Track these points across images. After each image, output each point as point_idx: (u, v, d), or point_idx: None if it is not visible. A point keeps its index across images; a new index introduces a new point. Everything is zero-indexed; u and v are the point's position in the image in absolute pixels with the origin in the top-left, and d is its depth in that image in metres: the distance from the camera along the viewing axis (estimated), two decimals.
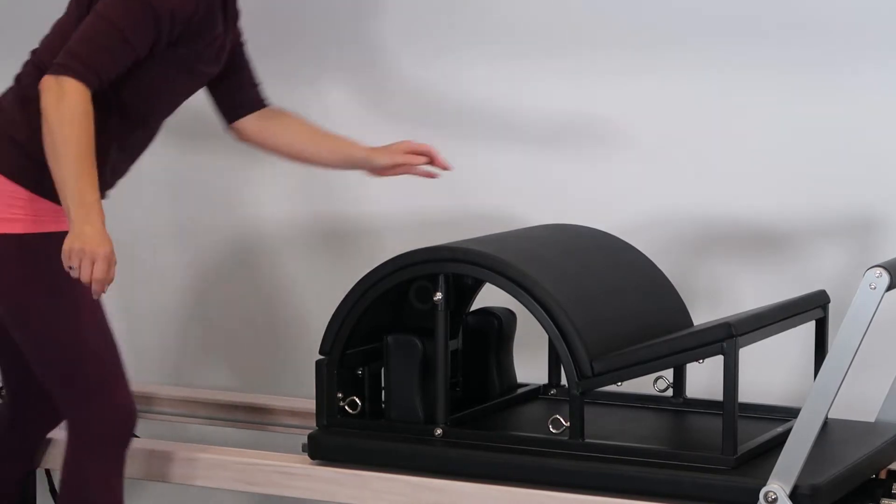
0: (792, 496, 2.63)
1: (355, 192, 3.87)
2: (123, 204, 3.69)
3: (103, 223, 2.82)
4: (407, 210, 3.86)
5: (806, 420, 2.61)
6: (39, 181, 2.89)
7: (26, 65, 3.02)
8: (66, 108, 2.78)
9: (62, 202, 2.81)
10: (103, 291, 2.84)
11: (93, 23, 2.86)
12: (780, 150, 3.66)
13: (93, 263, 2.77)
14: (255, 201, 3.95)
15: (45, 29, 3.17)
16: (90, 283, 2.79)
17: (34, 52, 3.03)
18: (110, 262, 2.80)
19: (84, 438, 2.97)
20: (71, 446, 3.00)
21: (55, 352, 2.93)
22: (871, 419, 3.11)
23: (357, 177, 3.74)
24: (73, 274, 2.79)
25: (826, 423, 2.76)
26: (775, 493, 2.62)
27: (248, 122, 3.24)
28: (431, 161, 3.29)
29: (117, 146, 2.99)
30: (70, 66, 2.80)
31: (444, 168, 3.29)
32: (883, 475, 2.98)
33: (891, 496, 2.89)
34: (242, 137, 3.27)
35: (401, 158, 3.28)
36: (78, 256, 2.77)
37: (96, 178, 2.83)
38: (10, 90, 3.03)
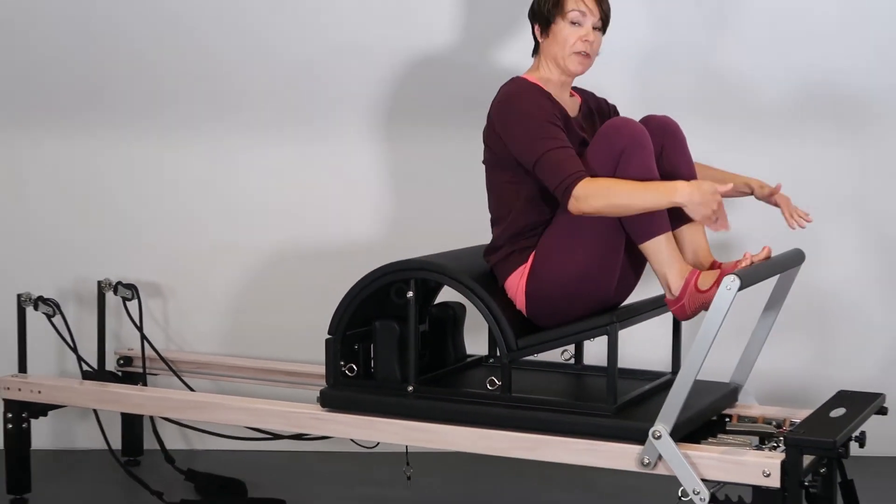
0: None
1: (358, 222, 3.88)
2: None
3: (682, 182, 2.69)
4: (387, 233, 3.86)
5: (681, 381, 2.65)
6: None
7: None
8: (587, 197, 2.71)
9: (660, 207, 2.69)
10: (710, 217, 2.66)
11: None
12: None
13: (704, 207, 2.65)
14: (282, 226, 3.91)
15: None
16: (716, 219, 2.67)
17: None
18: (700, 199, 2.64)
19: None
20: None
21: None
22: (727, 380, 3.15)
23: (357, 214, 3.85)
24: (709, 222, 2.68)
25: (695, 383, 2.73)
26: (660, 432, 2.66)
27: None
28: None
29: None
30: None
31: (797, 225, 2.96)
32: (735, 419, 3.02)
33: (725, 432, 2.90)
34: None
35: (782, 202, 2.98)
36: (700, 210, 2.65)
37: (649, 184, 2.70)
38: None
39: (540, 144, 2.78)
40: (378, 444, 3.09)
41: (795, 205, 3.01)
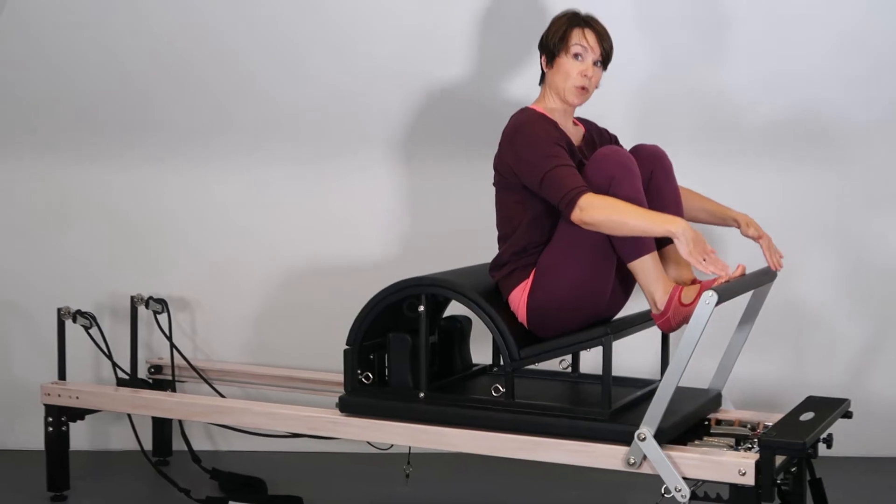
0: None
1: (373, 242, 3.88)
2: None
3: (679, 218, 2.70)
4: (401, 251, 3.86)
5: (664, 388, 2.68)
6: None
7: None
8: (591, 207, 2.74)
9: (653, 234, 2.70)
10: (699, 256, 2.64)
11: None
12: None
13: (693, 244, 2.64)
14: (304, 246, 3.89)
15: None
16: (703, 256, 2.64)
17: None
18: (692, 236, 2.64)
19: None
20: None
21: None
22: (706, 387, 3.18)
23: (372, 234, 3.85)
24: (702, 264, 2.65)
25: (680, 390, 2.79)
26: (645, 434, 2.69)
27: None
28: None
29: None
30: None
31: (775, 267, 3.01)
32: (714, 423, 3.05)
33: (709, 434, 2.95)
34: None
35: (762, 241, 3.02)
36: (689, 246, 2.64)
37: (649, 212, 2.73)
38: None
39: (546, 163, 2.81)
40: (392, 445, 3.10)
41: (775, 246, 3.05)
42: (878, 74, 3.74)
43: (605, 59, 2.98)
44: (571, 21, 2.97)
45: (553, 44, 2.97)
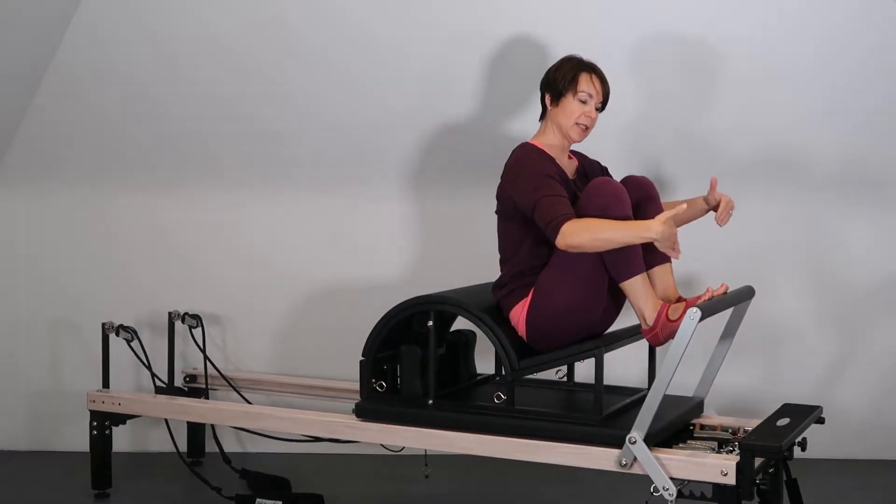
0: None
1: (387, 263, 3.86)
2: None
3: (653, 221, 2.69)
4: (412, 272, 3.84)
5: (652, 395, 2.67)
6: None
7: None
8: (573, 233, 2.73)
9: (635, 242, 2.71)
10: (671, 247, 2.69)
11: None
12: None
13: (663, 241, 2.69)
14: (322, 269, 3.88)
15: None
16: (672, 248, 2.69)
17: None
18: (668, 234, 2.67)
19: None
20: None
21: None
22: (690, 394, 3.16)
23: (386, 256, 3.83)
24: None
25: (666, 398, 2.76)
26: (635, 438, 2.68)
27: None
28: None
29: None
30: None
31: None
32: (698, 427, 3.02)
33: (692, 438, 2.94)
34: None
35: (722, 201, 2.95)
36: (662, 245, 2.69)
37: (626, 223, 2.72)
38: None
39: (537, 193, 2.80)
40: (403, 448, 3.09)
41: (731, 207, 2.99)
42: (835, 116, 3.71)
43: (604, 103, 2.98)
44: (580, 66, 2.96)
45: (562, 85, 2.95)
